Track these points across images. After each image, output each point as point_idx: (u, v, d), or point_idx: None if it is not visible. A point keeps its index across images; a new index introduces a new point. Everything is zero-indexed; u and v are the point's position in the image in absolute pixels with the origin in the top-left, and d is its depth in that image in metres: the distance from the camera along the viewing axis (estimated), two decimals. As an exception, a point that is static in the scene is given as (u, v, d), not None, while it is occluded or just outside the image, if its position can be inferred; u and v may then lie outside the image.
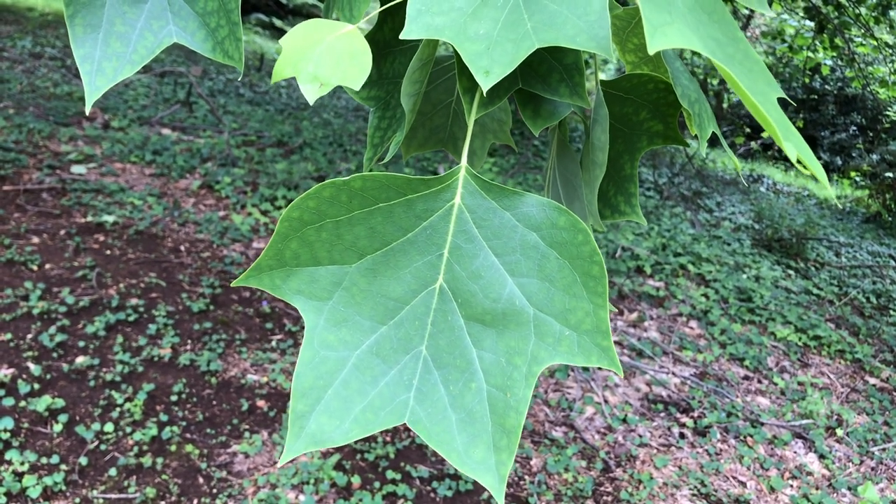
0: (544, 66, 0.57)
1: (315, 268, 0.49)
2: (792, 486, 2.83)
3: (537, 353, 0.47)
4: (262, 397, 2.79)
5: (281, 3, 11.54)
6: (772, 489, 2.77)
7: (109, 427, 2.49)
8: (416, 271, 0.49)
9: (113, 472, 2.32)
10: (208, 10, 0.54)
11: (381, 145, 0.69)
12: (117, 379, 2.71)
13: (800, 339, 4.08)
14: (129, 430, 2.50)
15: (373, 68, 0.67)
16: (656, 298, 4.28)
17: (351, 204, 0.49)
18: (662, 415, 3.16)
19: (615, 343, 3.68)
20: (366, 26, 0.56)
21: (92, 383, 2.68)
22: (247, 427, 2.63)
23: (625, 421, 3.06)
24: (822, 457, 3.04)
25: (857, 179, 9.08)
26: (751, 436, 3.09)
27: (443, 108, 0.79)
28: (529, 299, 0.48)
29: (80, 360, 2.79)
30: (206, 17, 0.55)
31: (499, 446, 0.46)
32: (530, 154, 7.00)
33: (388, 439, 2.69)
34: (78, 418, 2.52)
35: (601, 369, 3.41)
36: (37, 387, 2.60)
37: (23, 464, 2.27)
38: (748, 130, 10.52)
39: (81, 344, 2.87)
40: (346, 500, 2.35)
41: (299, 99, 7.58)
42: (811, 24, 5.96)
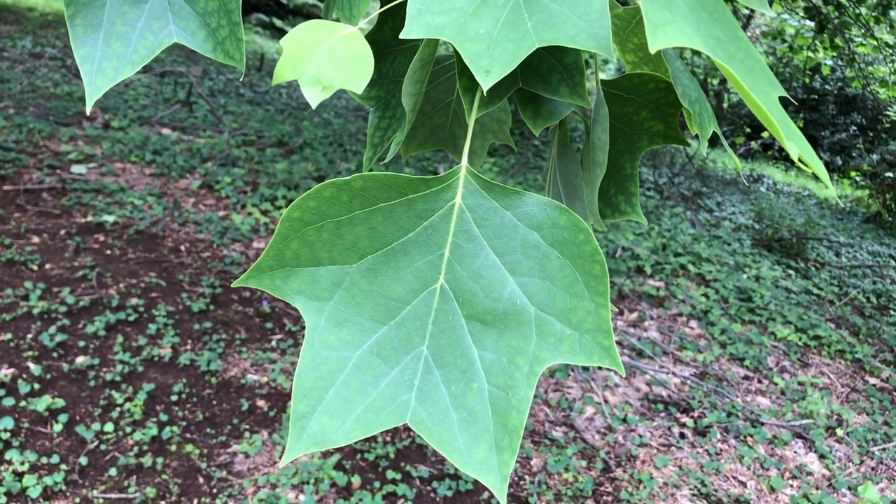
0: (544, 65, 0.57)
1: (316, 268, 0.49)
2: (792, 485, 2.83)
3: (539, 353, 0.47)
4: (262, 397, 2.79)
5: (281, 2, 11.54)
6: (772, 489, 2.77)
7: (109, 427, 2.49)
8: (416, 271, 0.49)
9: (113, 471, 2.32)
10: (209, 10, 0.54)
11: (381, 145, 0.69)
12: (117, 379, 2.71)
13: (800, 338, 4.08)
14: (129, 429, 2.50)
15: (373, 68, 0.67)
16: (656, 298, 4.28)
17: (351, 204, 0.48)
18: (662, 415, 3.16)
19: (615, 343, 3.67)
20: (366, 26, 0.56)
21: (92, 383, 2.68)
22: (247, 427, 2.62)
23: (625, 421, 3.06)
24: (822, 457, 3.04)
25: (858, 179, 9.08)
26: (751, 436, 3.09)
27: (442, 108, 0.79)
28: (531, 299, 0.48)
29: (80, 359, 2.79)
30: (206, 17, 0.54)
31: (501, 446, 0.46)
32: (530, 154, 7.00)
33: (389, 439, 2.69)
34: (78, 418, 2.52)
35: (601, 369, 3.41)
36: (37, 387, 2.60)
37: (23, 464, 2.27)
38: (748, 130, 10.52)
39: (81, 344, 2.87)
40: (346, 500, 2.35)
41: (299, 99, 7.58)
42: (811, 23, 5.96)
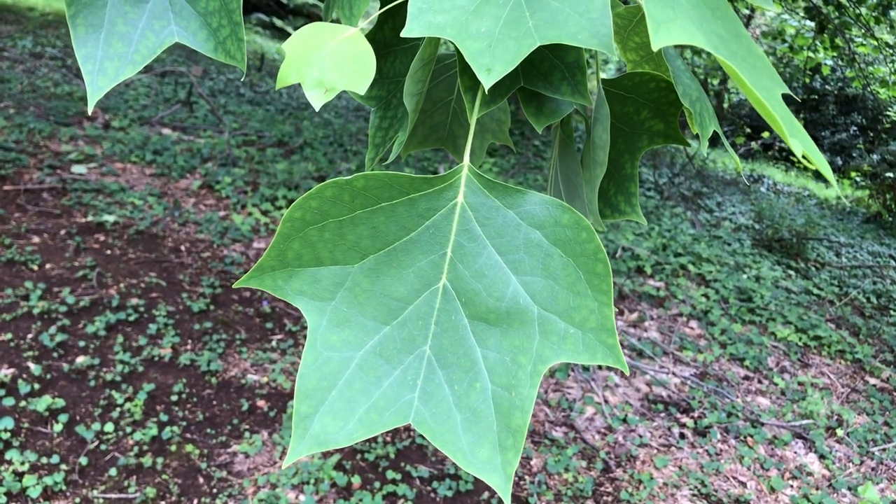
0: (546, 63, 0.57)
1: (317, 268, 0.49)
2: (792, 486, 2.83)
3: (542, 352, 0.47)
4: (262, 397, 2.79)
5: (281, 2, 11.54)
6: (772, 489, 2.77)
7: (110, 427, 2.49)
8: (419, 271, 0.49)
9: (113, 471, 2.32)
10: (210, 10, 0.54)
11: (382, 145, 0.69)
12: (117, 379, 2.71)
13: (800, 339, 4.08)
14: (129, 429, 2.50)
15: (373, 68, 0.67)
16: (656, 298, 4.28)
17: (353, 203, 0.48)
18: (663, 415, 3.16)
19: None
20: (366, 26, 0.56)
21: (92, 383, 2.68)
22: (247, 427, 2.62)
23: (625, 421, 3.05)
24: (822, 457, 3.04)
25: (858, 179, 9.08)
26: (751, 436, 3.09)
27: (442, 107, 0.79)
28: (533, 298, 0.48)
29: (80, 359, 2.78)
30: (207, 17, 0.54)
31: (504, 446, 0.46)
32: (531, 154, 7.00)
33: (389, 439, 2.68)
34: (78, 418, 2.52)
35: (601, 369, 3.41)
36: (37, 387, 2.59)
37: (23, 463, 2.27)
38: (748, 130, 10.52)
39: (82, 344, 2.87)
40: (346, 500, 2.35)
41: (300, 99, 7.58)
42: (812, 24, 5.96)
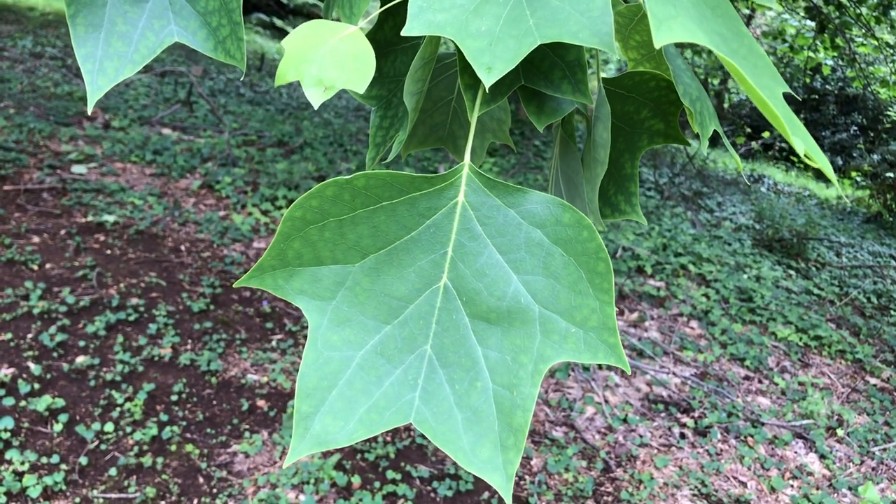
0: (546, 62, 0.57)
1: (318, 267, 0.49)
2: (792, 486, 2.83)
3: (543, 351, 0.47)
4: (262, 397, 2.79)
5: (281, 2, 11.54)
6: (772, 489, 2.77)
7: (109, 427, 2.48)
8: (419, 270, 0.49)
9: (113, 471, 2.32)
10: (210, 10, 0.54)
11: (383, 144, 0.69)
12: (117, 378, 2.71)
13: (800, 339, 4.08)
14: (129, 429, 2.50)
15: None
16: (657, 298, 4.28)
17: (354, 203, 0.48)
18: (663, 415, 3.15)
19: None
20: (366, 26, 0.55)
21: (92, 383, 2.68)
22: (247, 427, 2.62)
23: (625, 421, 3.05)
24: (822, 457, 3.03)
25: (858, 179, 9.07)
26: (751, 436, 3.09)
27: (443, 106, 0.78)
28: (535, 297, 0.48)
29: (80, 359, 2.78)
30: (207, 17, 0.54)
31: (506, 445, 0.46)
32: (531, 154, 7.00)
33: (389, 439, 2.68)
34: (78, 418, 2.52)
35: (601, 369, 3.41)
36: (37, 386, 2.59)
37: (23, 463, 2.27)
38: (749, 130, 10.52)
39: (82, 343, 2.87)
40: (346, 500, 2.35)
41: (300, 99, 7.58)
42: (812, 23, 5.96)
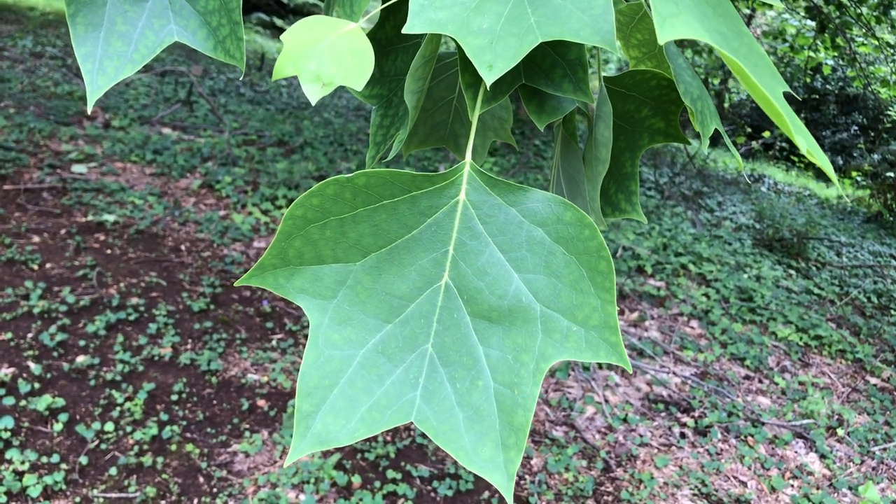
0: (547, 60, 0.57)
1: (319, 266, 0.49)
2: (793, 485, 2.83)
3: (545, 350, 0.47)
4: (262, 397, 2.78)
5: (282, 2, 11.54)
6: (773, 489, 2.77)
7: (110, 426, 2.48)
8: (421, 269, 0.49)
9: (113, 471, 2.32)
10: (209, 9, 0.54)
11: (384, 143, 0.69)
12: (118, 378, 2.71)
13: (801, 338, 4.08)
14: (129, 429, 2.50)
15: (375, 66, 0.67)
16: (657, 298, 4.27)
17: (355, 201, 0.48)
18: (663, 414, 3.15)
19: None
20: (366, 25, 0.55)
21: (92, 382, 2.68)
22: (247, 426, 2.62)
23: (625, 420, 3.05)
24: (822, 456, 3.03)
25: (859, 179, 9.07)
26: (751, 435, 3.09)
27: (444, 105, 0.78)
28: (536, 295, 0.48)
29: (80, 359, 2.78)
30: (207, 16, 0.54)
31: (507, 444, 0.46)
32: (531, 154, 7.00)
33: (389, 439, 2.68)
34: (78, 417, 2.52)
35: (601, 368, 3.41)
36: (37, 386, 2.59)
37: (23, 463, 2.27)
38: (749, 130, 10.52)
39: (82, 343, 2.87)
40: (346, 500, 2.35)
41: (300, 98, 7.58)
42: (812, 23, 5.95)
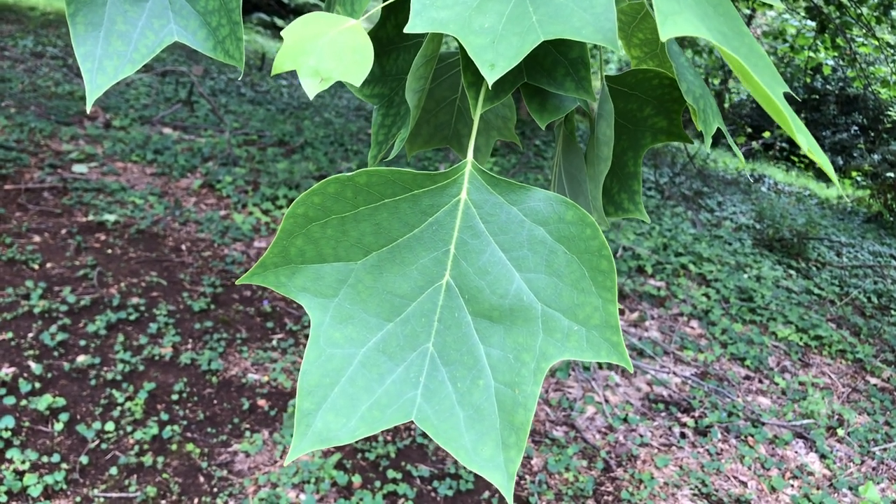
0: (549, 59, 0.57)
1: (320, 265, 0.49)
2: (793, 485, 2.82)
3: (546, 349, 0.47)
4: (262, 396, 2.78)
5: (282, 2, 11.54)
6: (773, 489, 2.77)
7: (110, 426, 2.48)
8: (422, 268, 0.49)
9: (114, 470, 2.32)
10: (209, 9, 0.54)
11: (385, 142, 0.69)
12: (118, 378, 2.71)
13: (801, 338, 4.07)
14: (129, 428, 2.50)
15: (376, 65, 0.67)
16: (657, 298, 4.27)
17: (356, 200, 0.48)
18: (663, 414, 3.15)
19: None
20: (366, 25, 0.55)
21: (93, 382, 2.68)
22: (247, 426, 2.62)
23: (626, 420, 3.05)
24: (823, 457, 3.03)
25: (859, 179, 9.07)
26: (752, 435, 3.09)
27: (447, 105, 0.78)
28: (537, 295, 0.47)
29: (80, 358, 2.78)
30: (207, 16, 0.54)
31: (507, 443, 0.46)
32: (531, 154, 7.00)
33: (389, 438, 2.68)
34: (79, 417, 2.52)
35: (602, 368, 3.40)
36: (38, 385, 2.59)
37: (24, 462, 2.27)
38: (749, 130, 10.52)
39: (82, 343, 2.87)
40: (346, 500, 2.35)
41: (301, 98, 7.58)
42: (812, 23, 5.95)
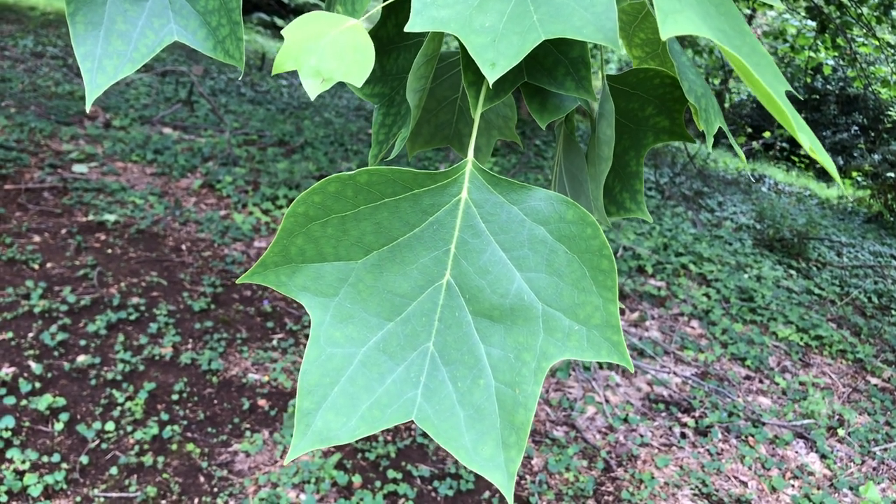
0: (550, 59, 0.57)
1: (321, 264, 0.49)
2: (793, 485, 2.82)
3: (546, 349, 0.47)
4: (263, 396, 2.78)
5: (282, 2, 11.54)
6: (773, 489, 2.77)
7: (110, 426, 2.48)
8: (422, 267, 0.49)
9: (114, 470, 2.32)
10: (209, 9, 0.54)
11: (386, 142, 0.69)
12: (118, 378, 2.71)
13: (801, 338, 4.07)
14: (129, 428, 2.50)
15: (376, 64, 0.67)
16: (658, 298, 4.27)
17: (356, 199, 0.48)
18: (664, 414, 3.15)
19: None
20: (367, 24, 0.55)
21: (93, 382, 2.68)
22: (248, 426, 2.62)
23: (626, 420, 3.05)
24: (823, 457, 3.03)
25: (859, 179, 9.07)
26: (752, 435, 3.08)
27: (448, 105, 0.78)
28: (538, 294, 0.47)
29: (81, 358, 2.78)
30: (207, 16, 0.54)
31: (507, 443, 0.46)
32: (531, 153, 7.00)
33: (390, 438, 2.68)
34: (79, 417, 2.52)
35: (602, 368, 3.40)
36: (38, 385, 2.59)
37: (24, 462, 2.27)
38: (749, 130, 10.52)
39: (83, 343, 2.87)
40: (346, 500, 2.35)
41: (301, 98, 7.58)
42: (813, 23, 5.95)
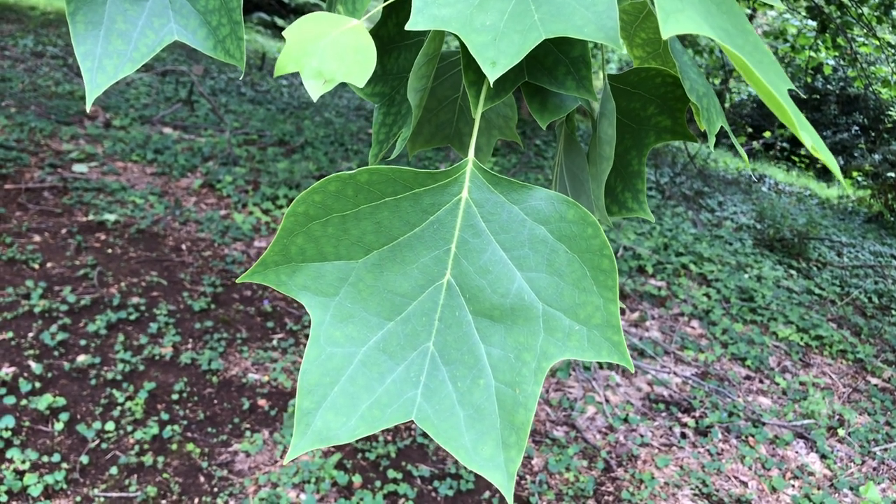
0: (550, 58, 0.57)
1: (321, 263, 0.49)
2: (793, 486, 2.82)
3: (546, 349, 0.47)
4: (263, 396, 2.78)
5: (283, 2, 11.54)
6: (773, 489, 2.77)
7: (110, 426, 2.48)
8: (423, 266, 0.49)
9: (114, 470, 2.32)
10: (210, 9, 0.54)
11: (386, 141, 0.69)
12: (118, 377, 2.71)
13: (801, 339, 4.07)
14: (130, 428, 2.50)
15: (377, 64, 0.67)
16: (658, 298, 4.27)
17: (357, 198, 0.48)
18: (664, 414, 3.15)
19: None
20: (367, 24, 0.55)
21: (93, 382, 2.68)
22: (248, 426, 2.62)
23: (626, 421, 3.05)
24: (823, 457, 3.03)
25: (860, 179, 9.06)
26: (752, 436, 3.08)
27: (448, 104, 0.78)
28: (538, 294, 0.47)
29: (81, 358, 2.78)
30: (207, 16, 0.54)
31: (507, 443, 0.45)
32: (532, 153, 7.00)
33: (390, 438, 2.68)
34: (79, 417, 2.52)
35: (602, 368, 3.40)
36: (38, 385, 2.59)
37: (24, 462, 2.27)
38: (750, 130, 10.52)
39: (83, 342, 2.87)
40: (347, 500, 2.35)
41: (301, 98, 7.58)
42: (813, 23, 5.95)
